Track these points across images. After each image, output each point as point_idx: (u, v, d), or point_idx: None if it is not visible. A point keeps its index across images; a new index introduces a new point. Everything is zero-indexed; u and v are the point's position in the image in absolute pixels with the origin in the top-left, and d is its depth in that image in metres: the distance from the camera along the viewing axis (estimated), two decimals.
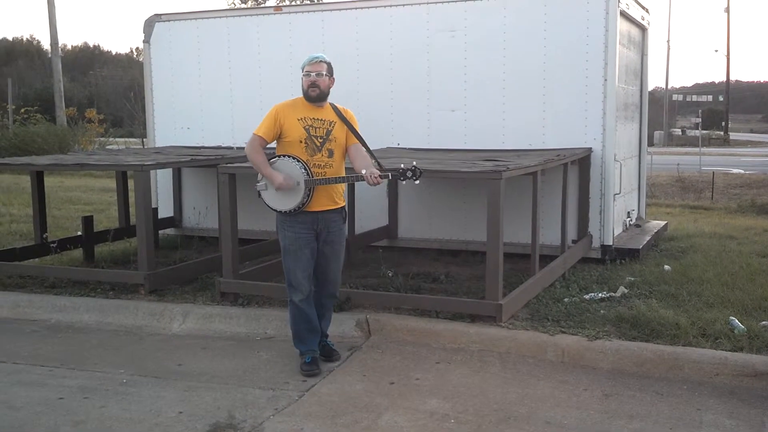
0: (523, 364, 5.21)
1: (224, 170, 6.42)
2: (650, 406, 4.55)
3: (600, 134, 7.84)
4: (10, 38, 69.23)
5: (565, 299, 6.36)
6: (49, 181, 16.85)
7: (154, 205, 9.63)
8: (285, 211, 5.06)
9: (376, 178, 4.85)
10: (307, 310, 5.17)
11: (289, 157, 5.03)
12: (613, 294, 6.53)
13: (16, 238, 9.81)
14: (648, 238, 8.74)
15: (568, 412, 4.46)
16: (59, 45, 28.98)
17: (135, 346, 5.83)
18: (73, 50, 77.05)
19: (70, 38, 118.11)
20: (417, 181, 4.86)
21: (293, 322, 5.23)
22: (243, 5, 39.58)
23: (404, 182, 4.94)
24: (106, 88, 52.74)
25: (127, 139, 28.94)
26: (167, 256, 8.48)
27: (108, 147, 23.50)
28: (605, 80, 7.76)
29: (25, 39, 72.90)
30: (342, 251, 5.30)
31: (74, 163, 7.31)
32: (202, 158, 7.69)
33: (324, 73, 5.06)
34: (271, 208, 5.15)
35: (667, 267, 7.59)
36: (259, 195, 5.15)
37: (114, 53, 70.98)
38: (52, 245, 7.97)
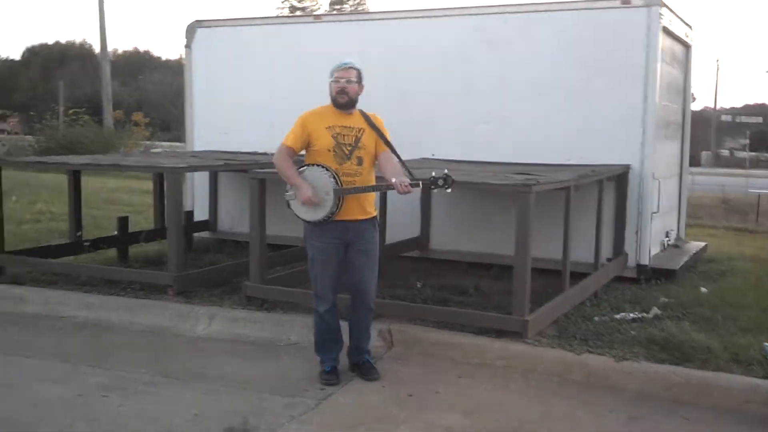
0: (547, 382, 5.09)
1: (254, 175, 6.43)
2: (677, 431, 4.41)
3: (639, 151, 7.67)
4: (64, 42, 70.74)
5: (595, 318, 6.23)
6: (92, 182, 17.21)
7: (189, 208, 9.75)
8: (315, 221, 4.99)
9: (406, 186, 4.72)
10: (330, 321, 5.10)
11: (317, 165, 4.96)
12: (646, 315, 6.37)
13: (54, 235, 9.95)
14: (686, 258, 8.54)
15: None
16: (109, 49, 29.57)
17: (159, 347, 5.85)
18: (124, 55, 78.41)
19: (121, 43, 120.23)
20: (449, 190, 4.72)
21: (316, 331, 5.19)
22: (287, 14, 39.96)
23: (435, 191, 4.79)
24: (155, 93, 53.59)
25: (172, 143, 29.33)
26: (199, 259, 8.53)
27: (153, 150, 23.82)
28: (646, 97, 7.60)
29: (78, 43, 74.45)
30: (375, 261, 5.13)
31: (109, 163, 7.38)
32: (236, 163, 7.71)
33: (354, 79, 4.98)
34: (301, 218, 5.08)
35: (703, 289, 7.39)
36: (288, 205, 5.07)
37: (164, 59, 72.03)
38: (85, 244, 8.05)
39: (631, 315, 6.34)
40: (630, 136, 7.68)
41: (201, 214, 9.71)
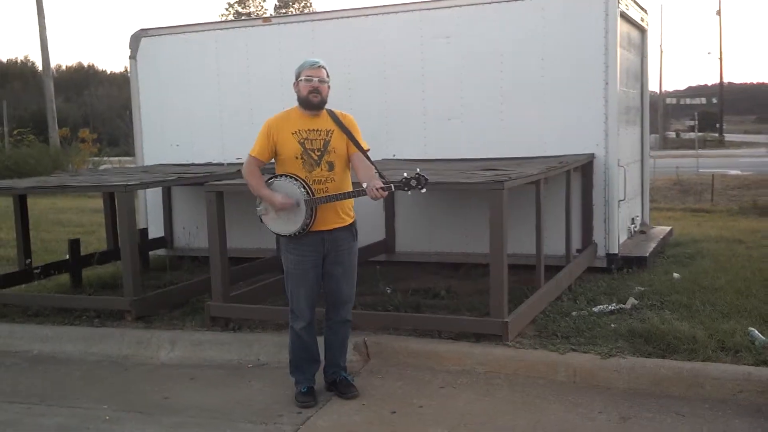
0: (532, 386, 4.87)
1: (211, 188, 6.11)
2: (672, 429, 4.23)
3: (602, 139, 7.54)
4: (5, 60, 69.00)
5: (573, 313, 6.04)
6: (41, 204, 16.64)
7: (143, 226, 9.38)
8: (290, 235, 4.68)
9: (378, 190, 4.43)
10: (307, 339, 4.80)
11: (285, 176, 4.65)
12: (623, 306, 6.22)
13: (1, 263, 9.47)
14: (654, 244, 8.44)
15: None
16: (53, 66, 28.81)
17: (120, 378, 5.50)
18: (68, 70, 76.85)
19: (64, 58, 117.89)
20: (423, 190, 4.42)
21: (292, 349, 4.88)
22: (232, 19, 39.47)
23: (410, 193, 4.47)
24: (101, 108, 52.59)
25: (121, 158, 28.65)
26: (158, 278, 8.18)
27: (102, 167, 23.21)
28: (606, 84, 7.47)
29: (19, 61, 72.71)
30: (353, 271, 4.86)
31: (56, 185, 6.99)
32: (190, 176, 7.37)
33: (326, 79, 4.68)
34: (275, 233, 4.79)
35: (676, 275, 7.28)
36: (261, 220, 4.78)
37: (108, 72, 70.85)
38: (35, 271, 7.64)
39: (609, 307, 6.18)
40: (593, 124, 7.56)
41: (156, 230, 9.35)
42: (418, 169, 4.46)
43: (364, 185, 4.51)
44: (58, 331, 6.36)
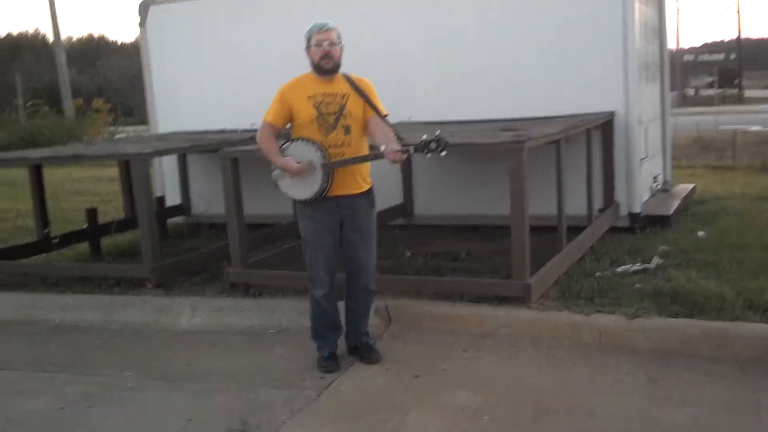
0: (557, 348, 4.81)
1: (225, 155, 6.03)
2: (701, 389, 4.16)
3: (622, 96, 7.38)
4: (15, 33, 68.94)
5: (597, 274, 5.95)
6: (58, 173, 16.65)
7: (160, 194, 9.34)
8: (306, 200, 4.60)
9: (395, 153, 4.31)
10: (327, 306, 4.74)
11: (301, 139, 4.55)
12: (647, 265, 6.12)
13: (22, 234, 9.47)
14: (677, 202, 8.30)
15: (610, 400, 4.08)
16: (63, 37, 28.74)
17: (141, 346, 5.49)
18: (79, 42, 76.68)
19: (75, 30, 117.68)
20: (443, 153, 4.28)
21: (312, 316, 4.82)
22: None
23: (428, 156, 4.33)
24: (113, 78, 52.46)
25: (135, 128, 28.60)
26: (176, 246, 8.16)
27: (117, 136, 23.20)
28: (625, 38, 7.28)
29: (30, 33, 72.62)
30: (373, 239, 4.77)
31: (70, 155, 6.94)
32: (204, 143, 7.31)
33: (336, 41, 4.55)
34: (291, 198, 4.70)
35: (701, 233, 7.16)
36: (276, 186, 4.67)
37: (119, 43, 70.57)
38: (54, 241, 7.63)
39: (633, 267, 6.08)
40: (612, 81, 7.38)
41: (173, 198, 9.31)
42: (438, 132, 4.33)
43: (382, 148, 4.41)
44: (78, 299, 6.36)
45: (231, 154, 6.08)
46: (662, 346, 4.70)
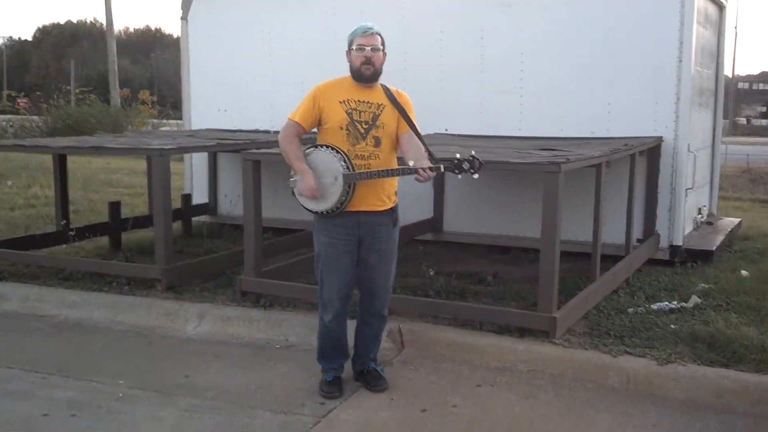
0: (580, 390, 4.44)
1: (248, 156, 5.77)
2: None
3: (672, 122, 6.99)
4: (75, 21, 70.27)
5: (630, 310, 5.57)
6: (96, 163, 16.67)
7: (188, 191, 9.17)
8: (321, 212, 4.29)
9: (426, 171, 4.00)
10: (336, 331, 4.41)
11: (326, 147, 4.22)
12: (685, 304, 5.71)
13: (46, 222, 9.36)
14: (721, 237, 7.86)
15: None
16: (120, 27, 29.10)
17: (143, 351, 5.24)
18: (135, 33, 77.84)
19: (132, 21, 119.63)
20: (476, 175, 3.98)
21: (320, 337, 4.51)
22: None
23: (460, 176, 4.05)
24: (167, 71, 53.06)
25: (179, 121, 28.70)
26: (197, 245, 7.94)
27: (161, 129, 23.29)
28: (680, 62, 6.90)
29: (89, 21, 73.94)
30: (392, 262, 4.42)
31: (92, 146, 6.75)
32: (230, 142, 7.07)
33: (379, 47, 4.23)
34: (306, 208, 4.35)
35: (744, 272, 6.71)
36: (293, 192, 4.36)
37: (175, 36, 71.48)
38: (70, 233, 7.45)
39: (670, 305, 5.68)
40: (663, 104, 7.01)
41: (200, 196, 9.13)
42: (473, 152, 3.99)
43: (411, 163, 4.10)
44: (86, 297, 6.14)
45: (253, 156, 5.82)
46: (694, 397, 4.31)
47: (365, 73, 4.23)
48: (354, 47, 4.24)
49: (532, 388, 4.48)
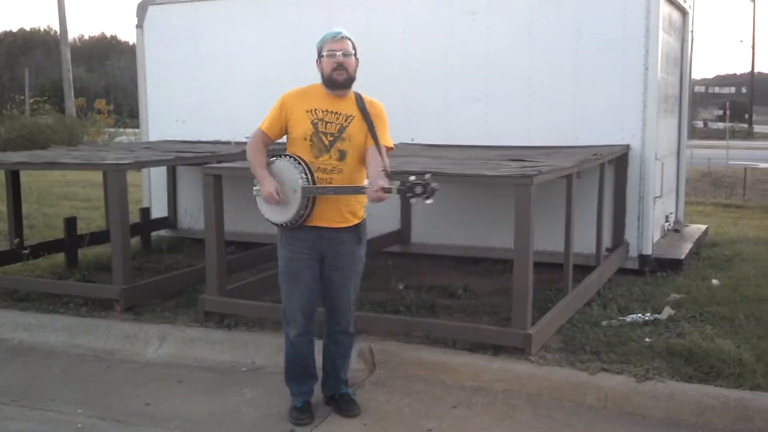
0: (557, 410, 4.31)
1: (209, 171, 5.57)
2: None
3: (639, 129, 6.96)
4: (28, 28, 68.93)
5: (603, 323, 5.47)
6: (51, 176, 16.18)
7: (146, 205, 8.92)
8: (281, 224, 4.12)
9: (376, 192, 3.79)
10: (302, 348, 4.24)
11: (289, 157, 4.05)
12: (659, 316, 5.63)
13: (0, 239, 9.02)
14: (690, 245, 7.83)
15: None
16: (75, 35, 28.55)
17: (101, 377, 5.00)
18: (91, 40, 76.62)
19: (87, 28, 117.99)
20: (429, 201, 3.73)
21: (286, 357, 4.32)
22: None
23: (412, 201, 3.78)
24: (123, 79, 52.18)
25: (135, 130, 28.20)
26: (158, 261, 7.70)
27: (117, 139, 22.84)
28: (646, 69, 6.86)
29: (42, 29, 72.59)
30: (356, 280, 4.27)
31: (46, 162, 6.48)
32: (190, 156, 6.85)
33: (350, 51, 4.05)
34: (266, 218, 4.19)
35: (715, 281, 6.67)
36: (256, 201, 4.22)
37: (131, 43, 70.52)
38: (24, 251, 7.15)
39: (643, 317, 5.59)
40: (629, 113, 6.97)
41: (159, 210, 8.87)
42: (427, 175, 3.76)
43: (366, 182, 3.94)
44: (42, 319, 5.88)
45: (214, 171, 5.61)
46: (674, 415, 4.21)
47: (337, 79, 4.05)
48: (324, 54, 4.06)
49: (509, 408, 4.34)
